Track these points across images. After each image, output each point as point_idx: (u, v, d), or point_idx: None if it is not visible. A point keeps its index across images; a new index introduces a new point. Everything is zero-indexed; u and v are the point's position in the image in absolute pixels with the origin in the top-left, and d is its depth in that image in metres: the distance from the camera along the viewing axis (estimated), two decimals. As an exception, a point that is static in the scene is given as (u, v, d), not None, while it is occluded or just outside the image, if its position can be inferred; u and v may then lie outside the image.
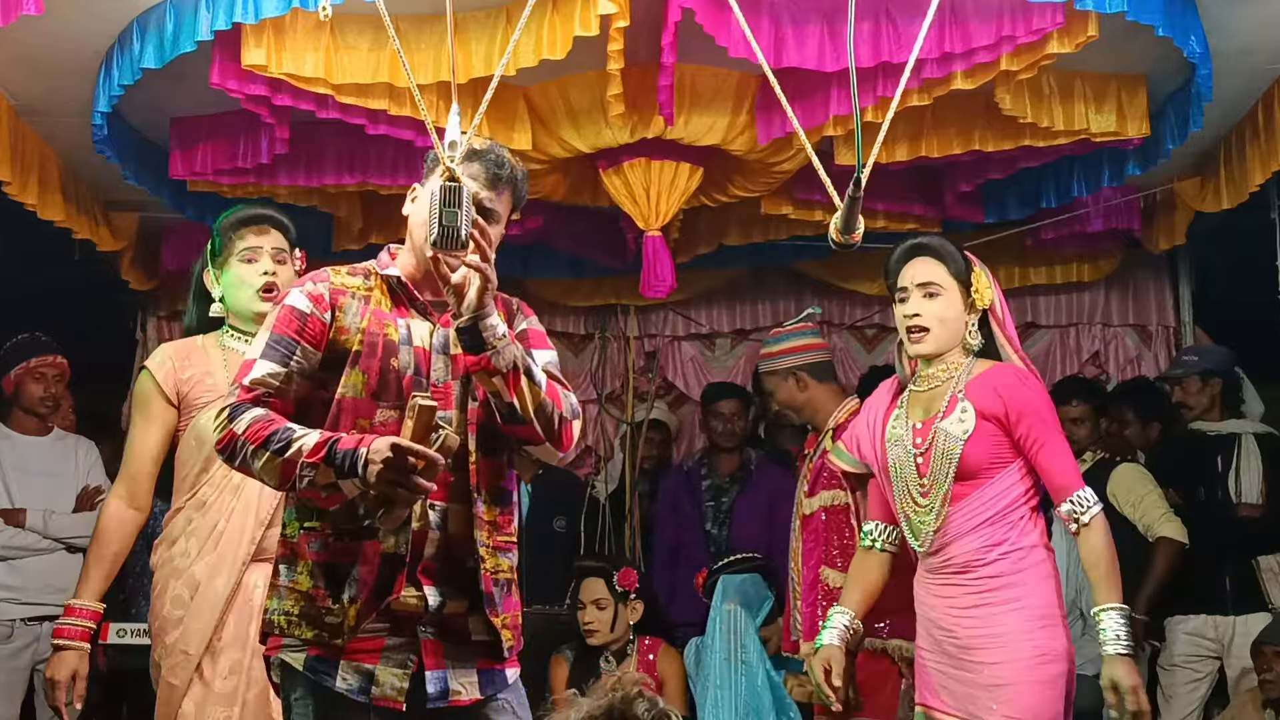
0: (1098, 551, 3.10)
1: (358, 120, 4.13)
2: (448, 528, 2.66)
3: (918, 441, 3.21)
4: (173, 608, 3.23)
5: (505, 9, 3.82)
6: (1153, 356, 6.28)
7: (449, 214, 2.57)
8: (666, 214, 4.50)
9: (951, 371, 3.24)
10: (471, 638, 2.68)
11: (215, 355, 3.37)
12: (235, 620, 3.22)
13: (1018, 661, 3.05)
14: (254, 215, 3.46)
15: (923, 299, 3.24)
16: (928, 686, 3.22)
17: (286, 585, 2.65)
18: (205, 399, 3.28)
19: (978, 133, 4.45)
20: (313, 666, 2.60)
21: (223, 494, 3.26)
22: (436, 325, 2.73)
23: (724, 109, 4.26)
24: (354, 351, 2.64)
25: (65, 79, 4.14)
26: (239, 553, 3.24)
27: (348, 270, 2.76)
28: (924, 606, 3.24)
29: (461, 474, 2.68)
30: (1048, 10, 3.71)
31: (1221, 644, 5.13)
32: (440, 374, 2.69)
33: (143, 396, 3.35)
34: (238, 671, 3.19)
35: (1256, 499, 5.16)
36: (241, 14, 3.62)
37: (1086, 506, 3.09)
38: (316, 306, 2.66)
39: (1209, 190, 4.98)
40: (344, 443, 2.49)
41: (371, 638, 2.60)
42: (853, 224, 2.80)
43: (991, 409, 3.13)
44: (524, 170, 2.84)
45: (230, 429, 2.55)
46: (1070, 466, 3.13)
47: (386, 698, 2.59)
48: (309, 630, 2.60)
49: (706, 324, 6.53)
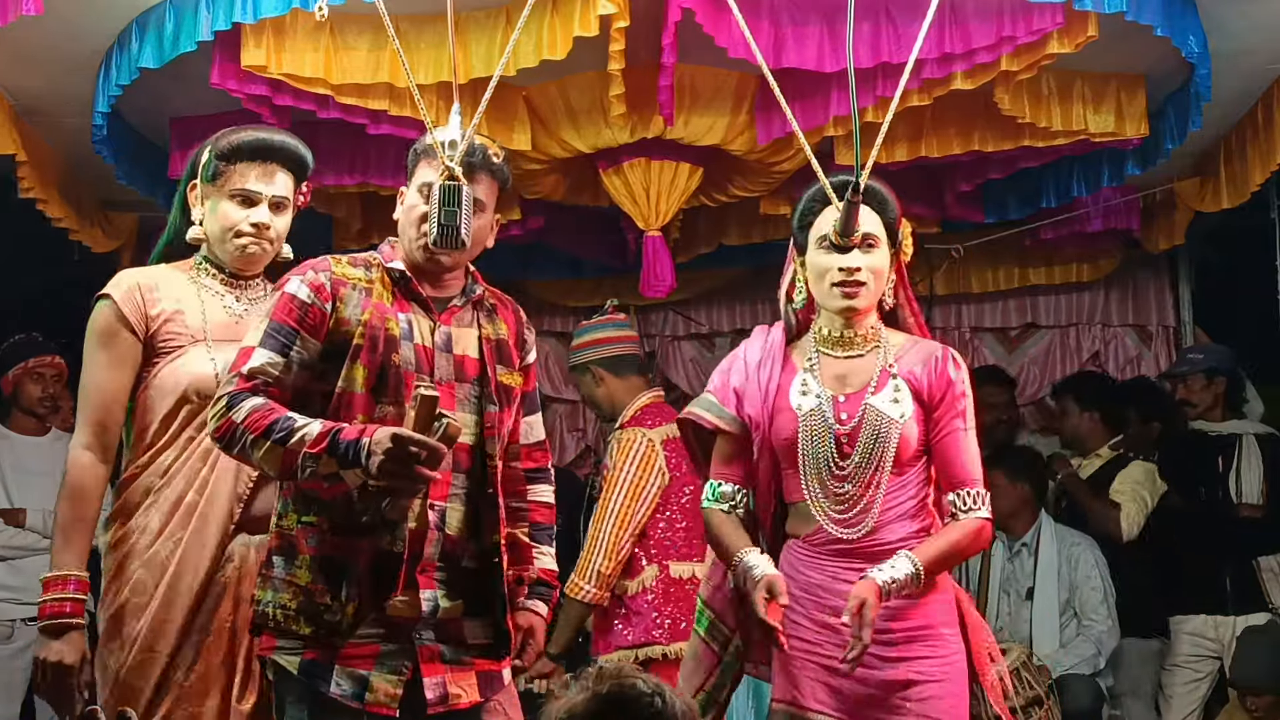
0: (952, 537, 2.79)
1: (359, 120, 4.13)
2: (447, 528, 2.65)
3: (842, 417, 2.83)
4: (133, 595, 2.77)
5: (505, 9, 3.82)
6: (1152, 356, 6.27)
7: (448, 213, 2.58)
8: (666, 214, 4.50)
9: (872, 339, 2.89)
10: (468, 641, 2.68)
11: (188, 292, 2.89)
12: (205, 608, 2.80)
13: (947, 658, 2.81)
14: (263, 148, 2.91)
15: (858, 251, 2.84)
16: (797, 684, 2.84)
17: (284, 578, 2.61)
18: (174, 343, 2.84)
19: (977, 133, 4.45)
20: (307, 670, 2.58)
21: (190, 460, 2.81)
22: (438, 323, 2.72)
23: (724, 109, 4.26)
24: (354, 345, 2.62)
25: (65, 79, 4.14)
26: (214, 532, 2.79)
27: (349, 260, 2.74)
28: (822, 593, 2.84)
29: (471, 476, 2.68)
30: (1047, 10, 3.71)
31: (1222, 644, 5.13)
32: (444, 372, 2.68)
33: (107, 329, 2.82)
34: (209, 657, 2.78)
35: (1257, 499, 5.17)
36: (241, 14, 3.62)
37: (977, 505, 2.80)
38: (317, 296, 2.63)
39: (1209, 190, 4.98)
40: (346, 433, 2.48)
41: (366, 643, 2.59)
42: (851, 226, 2.80)
43: (925, 389, 2.84)
44: (498, 151, 2.81)
45: (229, 417, 2.53)
46: (978, 462, 2.84)
47: (380, 704, 2.58)
48: (307, 626, 2.58)
49: (706, 324, 6.53)
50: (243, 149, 2.89)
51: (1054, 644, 5.00)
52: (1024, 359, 6.37)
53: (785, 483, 2.93)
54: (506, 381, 2.79)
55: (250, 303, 2.96)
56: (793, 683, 2.85)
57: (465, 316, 2.78)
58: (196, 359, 2.84)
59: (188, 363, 2.83)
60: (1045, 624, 5.04)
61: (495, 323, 2.83)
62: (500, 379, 2.77)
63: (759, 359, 2.97)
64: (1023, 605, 5.09)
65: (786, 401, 2.89)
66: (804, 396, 2.88)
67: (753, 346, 3.02)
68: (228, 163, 2.88)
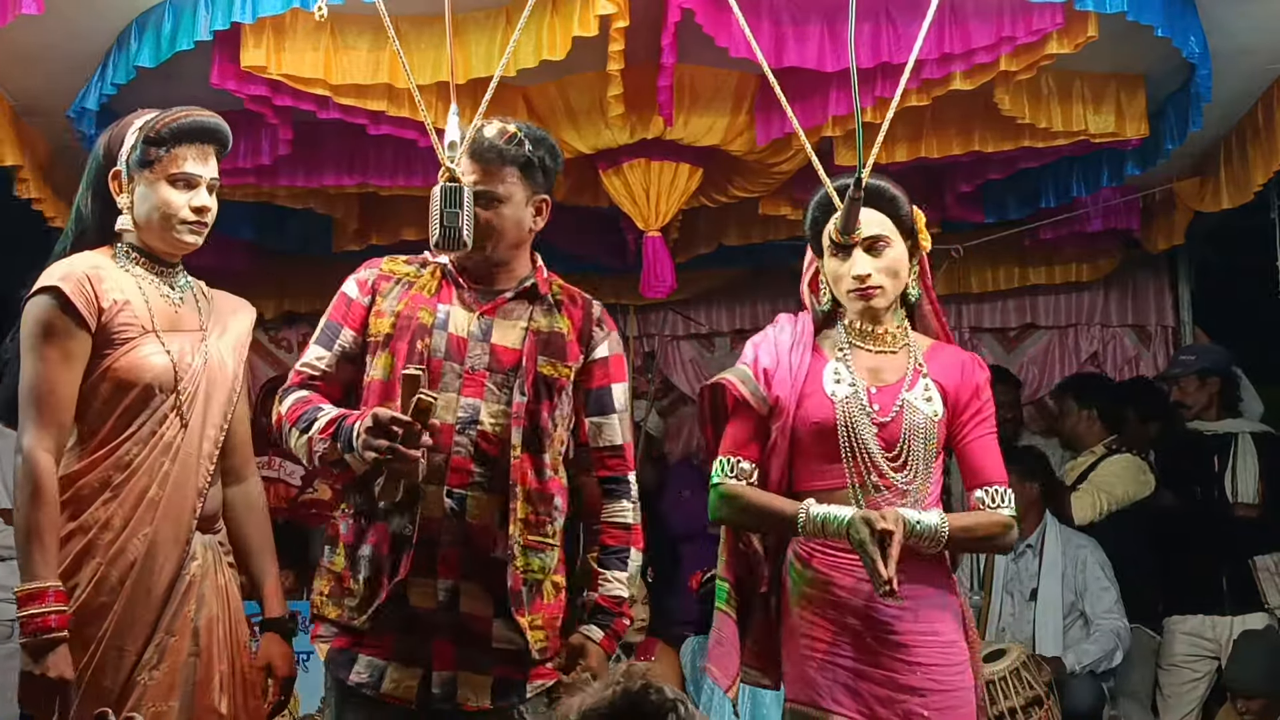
0: (979, 518, 2.79)
1: (359, 121, 4.13)
2: (466, 515, 2.65)
3: (876, 408, 2.80)
4: (97, 594, 2.64)
5: (505, 9, 3.82)
6: (1152, 356, 6.28)
7: (450, 214, 2.58)
8: (666, 214, 4.50)
9: (903, 338, 2.90)
10: (493, 644, 2.66)
11: (127, 282, 2.75)
12: (171, 605, 2.71)
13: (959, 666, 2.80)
14: (199, 129, 2.78)
15: (867, 255, 2.83)
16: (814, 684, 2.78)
17: (326, 565, 2.75)
18: (126, 334, 2.71)
19: (977, 133, 4.46)
20: (333, 659, 2.67)
21: (152, 453, 2.70)
22: (479, 314, 2.74)
23: (723, 109, 4.26)
24: (385, 334, 2.71)
25: (65, 79, 4.14)
26: (180, 525, 2.71)
27: (405, 259, 2.86)
28: (842, 592, 2.79)
29: (495, 466, 2.67)
30: (1047, 10, 3.71)
31: (1219, 644, 5.13)
32: (476, 361, 2.70)
33: (55, 325, 2.66)
34: (174, 656, 2.69)
35: (1252, 499, 5.17)
36: (240, 14, 3.62)
37: (1004, 504, 2.81)
38: (360, 291, 2.78)
39: (1208, 190, 4.98)
40: (351, 419, 2.57)
41: (388, 633, 2.64)
42: (852, 225, 2.80)
43: (955, 394, 2.85)
44: (521, 135, 2.76)
45: (277, 411, 2.71)
46: (1002, 464, 2.86)
47: (395, 695, 2.62)
48: (334, 610, 2.68)
49: (706, 324, 6.53)
50: (180, 131, 2.76)
51: (1057, 645, 5.00)
52: (1023, 359, 6.38)
53: (808, 471, 2.84)
54: (548, 373, 2.75)
55: (181, 290, 2.85)
56: (809, 683, 2.79)
57: (515, 309, 2.78)
58: (153, 350, 2.74)
59: (147, 354, 2.73)
60: (1048, 625, 5.04)
61: (553, 316, 2.81)
62: (541, 370, 2.74)
63: (790, 342, 2.93)
64: (1026, 606, 5.09)
65: (818, 386, 2.85)
66: (838, 384, 2.85)
67: (784, 330, 2.97)
68: (162, 147, 2.75)
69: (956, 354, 2.95)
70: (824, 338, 2.95)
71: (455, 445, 2.65)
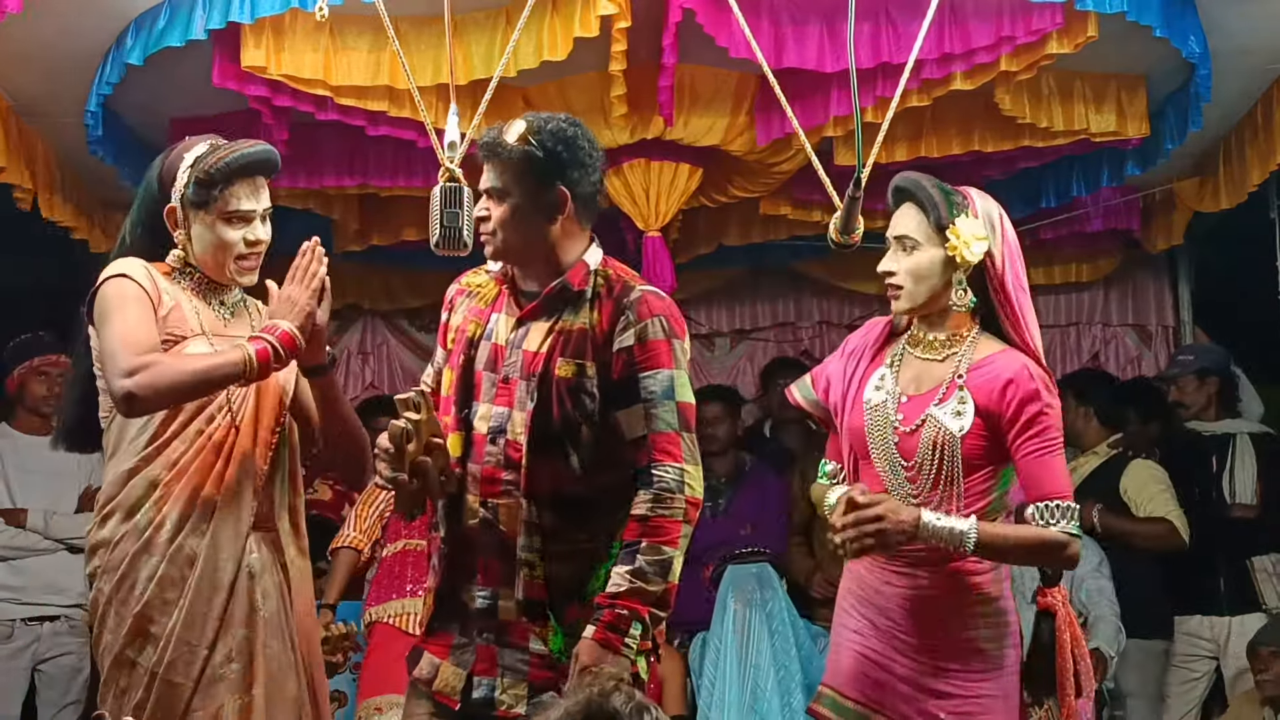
0: (1021, 531, 2.73)
1: (358, 122, 4.13)
2: (499, 524, 2.66)
3: (900, 418, 2.78)
4: (159, 589, 2.68)
5: (505, 10, 3.82)
6: (1152, 356, 6.28)
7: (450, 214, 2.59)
8: (666, 214, 4.50)
9: (955, 345, 2.79)
10: (530, 647, 2.66)
11: (179, 293, 2.79)
12: (237, 600, 2.75)
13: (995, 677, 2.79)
14: (249, 164, 2.79)
15: (899, 252, 2.78)
16: (841, 671, 2.84)
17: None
18: (177, 333, 2.74)
19: (977, 133, 4.46)
20: (411, 656, 2.78)
21: (203, 454, 2.73)
22: (517, 319, 2.69)
23: (723, 109, 4.26)
24: (448, 350, 2.75)
25: (64, 79, 4.14)
26: (240, 524, 2.75)
27: (486, 269, 2.81)
28: (868, 589, 2.84)
29: (516, 474, 2.66)
30: (1047, 10, 3.71)
31: (1218, 644, 5.12)
32: (511, 369, 2.66)
33: (132, 292, 2.70)
34: (243, 654, 2.74)
35: (1250, 499, 5.15)
36: (238, 13, 3.62)
37: (1055, 519, 2.69)
38: (445, 308, 2.82)
39: (1208, 190, 4.98)
40: None
41: (446, 632, 2.73)
42: (852, 224, 2.81)
43: (994, 409, 2.72)
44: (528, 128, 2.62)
45: None
46: (1061, 478, 2.71)
47: (443, 693, 2.68)
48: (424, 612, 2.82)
49: (706, 324, 6.53)
50: (232, 171, 2.76)
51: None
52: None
53: (860, 474, 2.88)
54: (563, 374, 2.62)
55: (232, 306, 2.89)
56: (839, 670, 2.86)
57: (549, 309, 2.67)
58: (202, 349, 2.75)
59: (196, 352, 2.74)
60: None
61: (581, 313, 2.66)
62: (558, 372, 2.62)
63: (854, 347, 2.94)
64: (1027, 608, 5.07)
65: (862, 393, 2.86)
66: (876, 391, 2.84)
67: (859, 334, 2.98)
68: (214, 187, 2.75)
69: (1008, 365, 2.74)
70: (895, 342, 2.91)
71: (486, 455, 2.64)
